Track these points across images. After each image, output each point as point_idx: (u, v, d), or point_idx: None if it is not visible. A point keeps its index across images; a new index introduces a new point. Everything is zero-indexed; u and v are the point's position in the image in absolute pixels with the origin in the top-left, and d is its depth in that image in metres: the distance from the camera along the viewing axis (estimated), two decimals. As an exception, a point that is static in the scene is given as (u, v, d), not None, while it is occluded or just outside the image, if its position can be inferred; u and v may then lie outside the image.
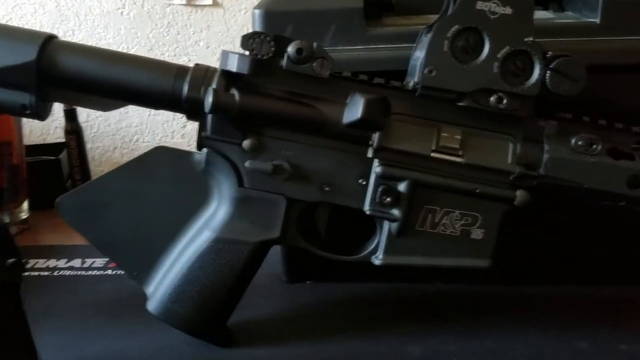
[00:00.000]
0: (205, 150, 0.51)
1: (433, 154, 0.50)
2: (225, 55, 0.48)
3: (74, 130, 0.88)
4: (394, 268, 0.52)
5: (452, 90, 0.48)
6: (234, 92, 0.48)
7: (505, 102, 0.48)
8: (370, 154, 0.50)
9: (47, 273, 0.67)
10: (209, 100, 0.47)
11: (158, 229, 0.52)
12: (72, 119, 0.88)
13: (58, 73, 0.49)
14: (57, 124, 0.96)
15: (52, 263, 0.69)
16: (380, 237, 0.52)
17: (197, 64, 0.50)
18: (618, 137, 0.51)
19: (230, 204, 0.51)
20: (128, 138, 0.98)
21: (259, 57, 0.48)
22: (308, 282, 0.64)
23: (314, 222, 0.53)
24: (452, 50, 0.48)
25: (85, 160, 0.89)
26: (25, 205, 0.79)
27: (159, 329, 0.52)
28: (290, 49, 0.48)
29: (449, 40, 0.47)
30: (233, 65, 0.47)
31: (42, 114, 0.51)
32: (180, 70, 0.50)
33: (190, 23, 0.94)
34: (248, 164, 0.50)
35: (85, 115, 0.95)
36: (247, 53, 0.48)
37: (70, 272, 0.67)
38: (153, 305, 0.52)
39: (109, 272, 0.67)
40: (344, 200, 0.51)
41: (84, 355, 0.53)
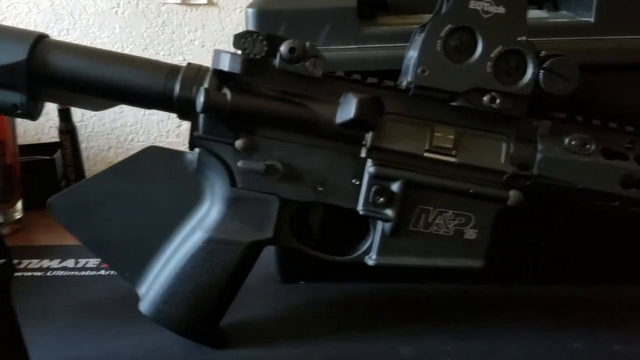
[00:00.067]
0: (198, 150, 0.50)
1: (426, 154, 0.50)
2: (217, 55, 0.48)
3: (68, 130, 0.87)
4: (388, 268, 0.52)
5: (445, 90, 0.48)
6: (226, 91, 0.48)
7: (499, 101, 0.48)
8: (364, 154, 0.50)
9: (40, 273, 0.67)
10: (201, 100, 0.47)
11: (150, 230, 0.52)
12: (66, 119, 0.87)
13: (49, 72, 0.48)
14: (51, 124, 0.95)
15: (45, 263, 0.69)
16: (374, 237, 0.52)
17: (189, 63, 0.50)
18: (612, 137, 0.51)
19: (223, 204, 0.51)
20: (123, 137, 0.98)
21: (252, 56, 0.48)
22: (302, 282, 0.64)
23: (307, 222, 0.53)
24: (445, 50, 0.47)
25: (80, 160, 0.89)
26: (19, 205, 0.79)
27: (152, 330, 0.52)
28: (283, 48, 0.48)
29: (442, 40, 0.47)
30: (225, 65, 0.47)
31: (33, 114, 0.51)
32: (172, 70, 0.49)
33: (185, 22, 0.94)
34: (240, 164, 0.50)
35: (80, 115, 0.95)
36: (239, 52, 0.48)
37: (64, 272, 0.67)
38: (145, 306, 0.51)
39: (102, 272, 0.66)
40: (337, 200, 0.51)
41: (76, 356, 0.52)
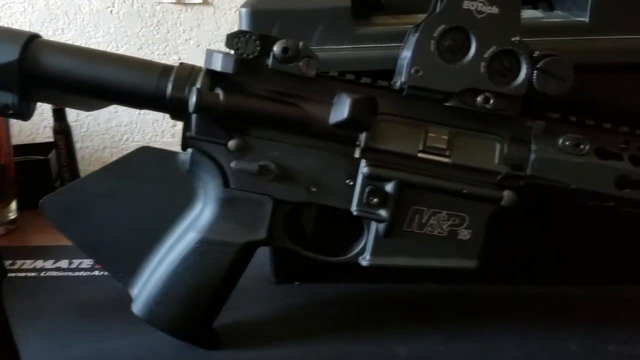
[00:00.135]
0: (190, 151, 0.50)
1: (420, 154, 0.50)
2: (210, 54, 0.48)
3: (63, 130, 0.87)
4: (382, 269, 0.52)
5: (438, 91, 0.48)
6: (219, 91, 0.48)
7: (492, 102, 0.48)
8: (358, 154, 0.50)
9: (34, 274, 0.67)
10: (193, 100, 0.47)
11: (143, 230, 0.51)
12: (60, 119, 0.87)
13: (41, 72, 0.48)
14: (46, 124, 0.95)
15: (39, 264, 0.69)
16: (368, 238, 0.51)
17: (181, 63, 0.50)
18: (606, 137, 0.50)
19: (216, 205, 0.51)
20: (118, 137, 0.97)
21: (244, 56, 0.47)
22: (296, 283, 0.64)
23: (301, 222, 0.53)
24: (438, 50, 0.47)
25: (75, 160, 0.89)
26: (14, 206, 0.79)
27: (146, 331, 0.52)
28: (276, 48, 0.48)
29: (436, 40, 0.47)
30: (217, 65, 0.47)
31: (25, 114, 0.50)
32: (165, 70, 0.49)
33: (180, 21, 0.94)
34: (234, 165, 0.50)
35: (75, 115, 0.94)
36: (232, 52, 0.48)
37: (57, 273, 0.67)
38: (138, 308, 0.51)
39: (96, 273, 0.66)
40: (331, 201, 0.51)
41: (69, 356, 0.52)
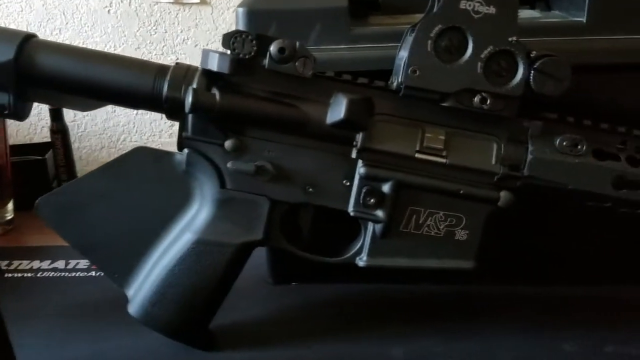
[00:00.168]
0: (186, 151, 0.50)
1: (417, 155, 0.49)
2: (206, 54, 0.47)
3: (60, 130, 0.87)
4: (380, 269, 0.51)
5: (435, 91, 0.48)
6: (215, 91, 0.48)
7: (489, 102, 0.48)
8: (354, 155, 0.50)
9: (30, 274, 0.67)
10: (189, 100, 0.46)
11: (139, 231, 0.51)
12: (57, 119, 0.87)
13: (36, 72, 0.48)
14: (43, 124, 0.95)
15: (35, 264, 0.69)
16: (365, 238, 0.51)
17: (177, 63, 0.50)
18: (603, 137, 0.50)
19: (212, 206, 0.50)
20: (115, 137, 0.97)
21: (241, 56, 0.47)
22: (293, 283, 0.64)
23: (298, 223, 0.53)
24: (435, 50, 0.47)
25: (72, 160, 0.89)
26: (10, 206, 0.79)
27: (142, 332, 0.52)
28: (273, 48, 0.47)
29: (433, 40, 0.47)
30: (214, 65, 0.47)
31: (21, 114, 0.50)
32: (161, 70, 0.49)
33: (178, 21, 0.94)
34: (230, 165, 0.50)
35: (72, 115, 0.94)
36: (228, 52, 0.47)
37: (54, 273, 0.67)
38: (134, 308, 0.51)
39: (93, 274, 0.66)
40: (328, 202, 0.51)
41: (66, 357, 0.52)
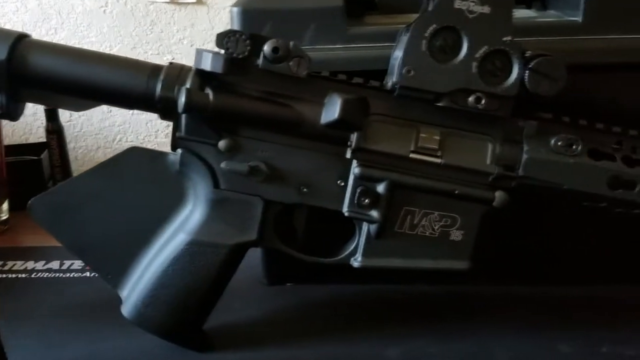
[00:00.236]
0: (180, 151, 0.50)
1: (412, 155, 0.49)
2: (200, 54, 0.47)
3: (55, 130, 0.87)
4: (374, 270, 0.51)
5: (430, 91, 0.48)
6: (209, 91, 0.47)
7: (484, 102, 0.48)
8: (349, 155, 0.50)
9: (24, 275, 0.66)
10: (182, 100, 0.46)
11: (132, 232, 0.51)
12: (53, 119, 0.86)
13: (29, 73, 0.48)
14: (39, 124, 0.95)
15: (30, 265, 0.68)
16: (359, 239, 0.51)
17: (171, 63, 0.49)
18: (599, 137, 0.50)
19: (206, 206, 0.50)
20: (111, 137, 0.97)
21: (234, 56, 0.47)
22: (288, 284, 0.63)
23: (292, 224, 0.53)
24: (430, 50, 0.47)
25: (67, 161, 0.88)
26: (5, 206, 0.78)
27: (137, 333, 0.51)
28: (266, 48, 0.47)
29: (427, 40, 0.47)
30: (207, 64, 0.47)
31: (13, 115, 0.50)
32: (154, 70, 0.49)
33: (174, 21, 0.94)
34: (224, 165, 0.49)
35: (68, 115, 0.94)
36: (222, 52, 0.47)
37: (48, 274, 0.67)
38: (127, 310, 0.51)
39: (87, 274, 0.66)
40: (322, 202, 0.51)
41: (60, 358, 0.52)
